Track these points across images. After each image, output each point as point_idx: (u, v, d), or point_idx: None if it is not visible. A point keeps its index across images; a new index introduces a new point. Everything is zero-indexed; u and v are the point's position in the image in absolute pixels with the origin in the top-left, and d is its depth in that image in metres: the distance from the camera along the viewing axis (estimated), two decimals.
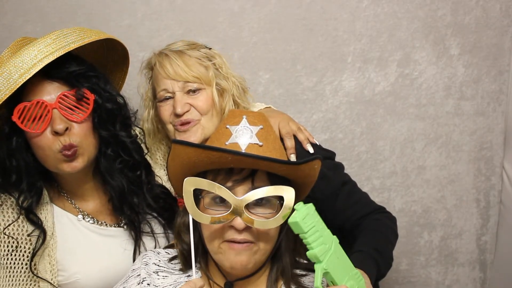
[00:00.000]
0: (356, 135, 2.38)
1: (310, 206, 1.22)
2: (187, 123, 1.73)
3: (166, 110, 1.76)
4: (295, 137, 1.75)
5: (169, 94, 1.74)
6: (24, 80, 1.40)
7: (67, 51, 1.45)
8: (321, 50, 2.30)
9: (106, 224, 1.66)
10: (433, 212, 2.48)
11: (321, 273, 1.19)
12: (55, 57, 1.43)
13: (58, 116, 1.48)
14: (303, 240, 1.20)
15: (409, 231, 2.48)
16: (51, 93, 1.49)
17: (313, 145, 1.76)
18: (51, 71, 1.46)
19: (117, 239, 1.65)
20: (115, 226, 1.67)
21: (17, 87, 1.40)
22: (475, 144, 2.43)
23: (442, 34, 2.33)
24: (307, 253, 1.20)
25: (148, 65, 1.84)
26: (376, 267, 1.50)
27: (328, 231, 1.23)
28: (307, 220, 1.18)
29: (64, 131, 1.48)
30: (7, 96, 1.40)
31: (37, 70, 1.41)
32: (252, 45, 2.27)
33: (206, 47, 1.84)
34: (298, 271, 1.40)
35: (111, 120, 1.60)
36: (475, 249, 2.54)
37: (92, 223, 1.64)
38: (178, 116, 1.72)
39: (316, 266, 1.20)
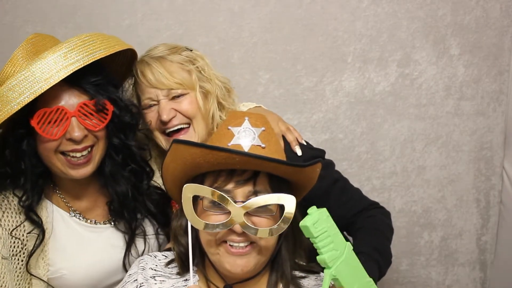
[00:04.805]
0: (356, 135, 2.38)
1: (323, 211, 1.21)
2: (179, 131, 1.73)
3: (151, 117, 1.74)
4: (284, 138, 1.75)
5: (153, 102, 1.73)
6: (50, 86, 1.40)
7: (94, 60, 1.45)
8: (321, 50, 2.30)
9: (95, 222, 1.67)
10: (433, 212, 2.48)
11: (329, 279, 1.18)
12: (81, 65, 1.43)
13: (76, 124, 1.49)
14: (313, 245, 1.19)
15: (409, 231, 2.48)
16: (71, 100, 1.49)
17: (302, 145, 1.75)
18: (72, 78, 1.45)
19: (106, 236, 1.67)
20: (104, 223, 1.68)
21: (42, 91, 1.40)
22: (475, 144, 2.43)
23: (442, 34, 2.33)
24: (317, 257, 1.20)
25: (130, 73, 1.81)
26: (377, 267, 1.50)
27: (341, 237, 1.22)
28: (318, 225, 1.18)
29: (81, 139, 1.50)
30: (30, 100, 1.40)
31: (64, 76, 1.40)
32: (252, 45, 2.27)
33: (187, 48, 1.80)
34: (297, 273, 1.39)
35: (126, 130, 1.62)
36: (475, 249, 2.54)
37: (81, 220, 1.65)
38: (164, 123, 1.72)
39: (325, 271, 1.19)
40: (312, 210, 1.20)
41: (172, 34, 2.20)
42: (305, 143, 1.77)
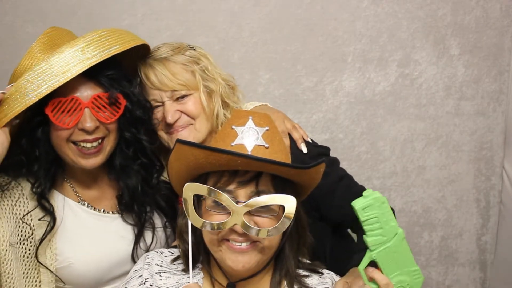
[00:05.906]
0: (357, 135, 2.38)
1: (379, 197, 1.22)
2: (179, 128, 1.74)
3: (157, 117, 1.75)
4: (290, 136, 1.75)
5: (158, 103, 1.74)
6: (67, 80, 1.43)
7: (110, 55, 1.48)
8: (321, 50, 2.30)
9: (104, 211, 1.69)
10: (433, 212, 2.48)
11: (367, 261, 1.22)
12: (98, 61, 1.46)
13: (89, 115, 1.52)
14: (361, 225, 1.22)
15: (409, 231, 2.48)
16: (86, 91, 1.52)
17: (307, 142, 1.75)
18: (88, 71, 1.48)
19: (115, 227, 1.68)
20: (113, 213, 1.70)
21: (60, 84, 1.43)
22: (475, 144, 2.44)
23: (442, 34, 2.33)
24: (363, 236, 1.23)
25: (134, 72, 1.81)
26: None
27: (394, 224, 1.24)
28: (368, 210, 1.20)
29: (93, 130, 1.52)
30: (48, 92, 1.43)
31: (81, 71, 1.43)
32: (252, 45, 2.27)
33: (191, 47, 1.79)
34: (301, 271, 1.39)
35: (137, 124, 1.64)
36: (475, 249, 2.54)
37: (90, 209, 1.67)
38: (169, 125, 1.72)
39: (366, 252, 1.23)
40: (368, 193, 1.22)
41: (172, 34, 2.20)
42: (310, 141, 1.77)
